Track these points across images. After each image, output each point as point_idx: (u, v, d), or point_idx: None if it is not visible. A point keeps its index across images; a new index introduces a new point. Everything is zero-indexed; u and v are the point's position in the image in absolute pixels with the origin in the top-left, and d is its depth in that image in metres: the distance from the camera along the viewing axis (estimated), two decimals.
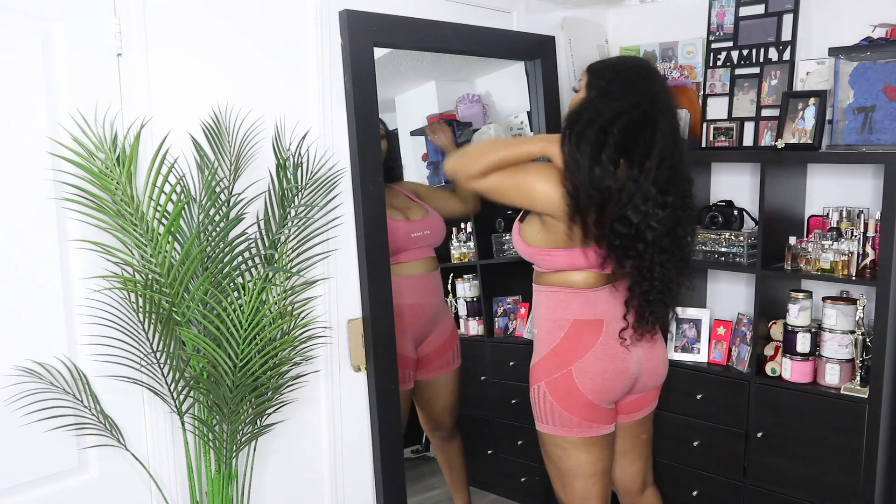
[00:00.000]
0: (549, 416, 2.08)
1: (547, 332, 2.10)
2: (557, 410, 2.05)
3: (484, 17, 2.59)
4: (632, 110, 1.85)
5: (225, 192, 1.83)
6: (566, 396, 2.04)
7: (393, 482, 2.37)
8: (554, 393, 2.05)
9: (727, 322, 2.71)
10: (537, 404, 2.11)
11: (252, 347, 1.75)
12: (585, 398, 2.03)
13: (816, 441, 2.37)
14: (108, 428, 1.78)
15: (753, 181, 2.71)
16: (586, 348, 2.04)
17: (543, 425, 2.11)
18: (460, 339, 3.15)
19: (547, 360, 2.08)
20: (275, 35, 2.07)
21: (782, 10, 2.63)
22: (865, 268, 2.33)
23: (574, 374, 2.03)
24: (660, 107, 1.89)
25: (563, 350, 2.06)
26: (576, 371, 2.03)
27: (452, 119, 3.42)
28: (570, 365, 2.04)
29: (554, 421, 2.07)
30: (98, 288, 1.75)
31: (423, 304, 2.78)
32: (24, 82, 1.67)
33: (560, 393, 2.05)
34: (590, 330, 2.05)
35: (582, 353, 2.03)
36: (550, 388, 2.06)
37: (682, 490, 2.70)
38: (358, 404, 2.32)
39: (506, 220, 3.27)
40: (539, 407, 2.10)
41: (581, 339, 2.05)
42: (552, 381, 2.06)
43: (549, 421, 2.09)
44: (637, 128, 1.85)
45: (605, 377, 2.04)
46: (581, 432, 2.06)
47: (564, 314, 2.07)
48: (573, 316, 2.06)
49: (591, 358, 2.03)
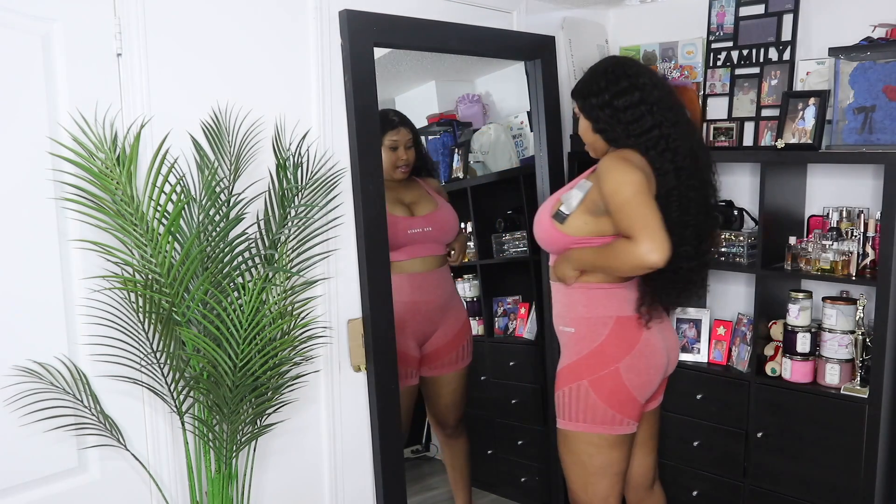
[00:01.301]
0: (588, 415, 2.05)
1: (589, 329, 2.08)
2: (601, 408, 2.04)
3: (484, 17, 2.59)
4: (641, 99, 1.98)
5: (225, 192, 1.83)
6: (612, 394, 2.04)
7: (393, 482, 2.37)
8: (599, 390, 2.04)
9: (727, 322, 2.71)
10: (574, 402, 2.08)
11: (252, 347, 1.75)
12: (631, 394, 2.05)
13: (816, 441, 2.37)
14: (108, 428, 1.78)
15: (753, 181, 2.71)
16: (631, 345, 2.05)
17: (578, 423, 2.08)
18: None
19: (591, 358, 2.06)
20: (275, 35, 2.07)
21: (782, 10, 2.63)
22: (865, 268, 2.33)
23: (621, 371, 2.03)
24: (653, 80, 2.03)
25: (609, 347, 2.05)
26: (623, 368, 2.03)
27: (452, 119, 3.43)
28: (618, 362, 2.04)
29: (595, 419, 2.05)
30: (98, 288, 1.75)
31: (421, 302, 2.76)
32: (24, 82, 1.67)
33: (606, 391, 2.04)
34: (633, 326, 2.07)
35: (628, 350, 2.04)
36: (595, 386, 2.04)
37: (682, 490, 2.70)
38: (358, 404, 2.32)
39: (506, 220, 3.28)
40: (574, 405, 2.07)
41: (626, 335, 2.06)
42: (598, 379, 2.04)
43: (585, 419, 2.06)
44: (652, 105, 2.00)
45: (648, 373, 2.08)
46: (618, 429, 2.07)
47: (606, 311, 2.06)
48: (615, 312, 2.06)
49: (637, 354, 2.05)
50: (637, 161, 1.96)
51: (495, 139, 3.22)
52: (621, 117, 1.99)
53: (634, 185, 1.89)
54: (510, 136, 3.24)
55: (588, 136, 2.11)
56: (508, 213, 3.29)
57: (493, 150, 3.23)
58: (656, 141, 1.98)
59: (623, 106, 1.99)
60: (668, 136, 1.98)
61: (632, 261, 1.87)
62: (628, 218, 1.88)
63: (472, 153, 3.31)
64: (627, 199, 1.89)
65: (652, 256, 1.83)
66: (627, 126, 1.99)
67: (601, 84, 2.02)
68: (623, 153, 1.98)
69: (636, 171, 1.92)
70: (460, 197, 3.30)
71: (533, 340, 3.15)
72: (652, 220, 1.86)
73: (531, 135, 2.96)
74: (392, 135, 2.72)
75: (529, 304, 3.25)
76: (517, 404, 3.23)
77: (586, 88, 2.07)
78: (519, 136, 3.25)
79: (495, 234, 3.28)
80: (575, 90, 2.13)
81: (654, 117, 1.98)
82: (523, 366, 3.21)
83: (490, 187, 3.29)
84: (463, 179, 3.33)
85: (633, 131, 1.99)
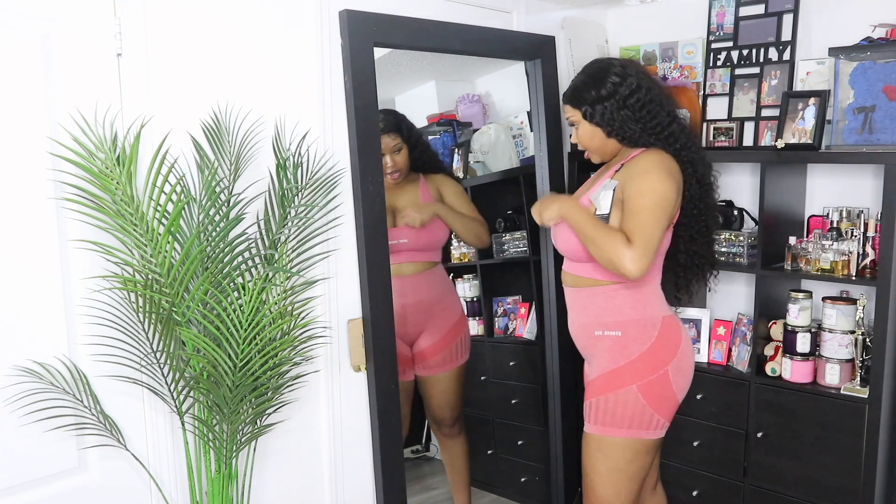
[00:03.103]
0: (634, 420, 1.98)
1: (638, 331, 2.00)
2: (648, 413, 1.98)
3: (484, 17, 2.59)
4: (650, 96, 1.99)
5: (225, 192, 1.83)
6: (660, 398, 1.98)
7: (393, 482, 2.37)
8: (648, 395, 1.97)
9: (727, 322, 2.71)
10: (618, 408, 1.99)
11: (252, 347, 1.75)
12: (675, 397, 2.02)
13: (816, 441, 2.37)
14: (108, 428, 1.78)
15: (753, 181, 2.71)
16: (676, 345, 2.01)
17: (620, 430, 2.00)
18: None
19: (641, 362, 1.98)
20: (275, 35, 2.07)
21: (782, 10, 2.63)
22: (865, 268, 2.33)
23: (670, 374, 1.99)
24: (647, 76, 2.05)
25: (659, 349, 1.99)
26: (671, 370, 1.99)
27: (452, 119, 3.43)
28: (666, 365, 1.98)
29: (641, 424, 1.99)
30: (98, 288, 1.75)
31: (401, 305, 2.73)
32: (24, 82, 1.67)
33: (654, 395, 1.98)
34: (675, 325, 2.04)
35: (674, 351, 2.00)
36: (644, 391, 1.97)
37: (682, 490, 2.70)
38: (358, 404, 2.32)
39: (506, 220, 3.27)
40: (619, 411, 1.99)
41: (671, 336, 2.01)
42: (648, 384, 1.97)
43: (630, 425, 1.99)
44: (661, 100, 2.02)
45: (690, 373, 2.06)
46: (658, 433, 2.03)
47: (654, 312, 2.02)
48: (661, 313, 2.03)
49: (681, 355, 2.02)
50: (674, 170, 1.95)
51: (495, 139, 3.22)
52: (638, 116, 1.97)
53: (659, 197, 1.88)
54: (510, 136, 3.24)
55: (596, 141, 2.06)
56: (508, 213, 3.28)
57: (493, 150, 3.23)
58: (678, 135, 1.98)
59: (638, 104, 1.97)
60: (684, 129, 2.00)
61: (615, 258, 1.84)
62: (637, 223, 1.86)
63: (472, 153, 3.31)
64: (647, 207, 1.87)
65: (633, 266, 1.82)
66: (646, 124, 1.98)
67: (608, 88, 1.98)
68: (662, 157, 1.95)
69: (671, 181, 1.91)
70: None
71: (533, 340, 3.15)
72: (653, 238, 1.86)
73: (531, 135, 2.96)
74: None
75: (529, 304, 3.25)
76: (517, 404, 3.23)
77: (589, 95, 2.01)
78: (519, 136, 3.24)
79: (495, 234, 3.28)
80: (575, 97, 2.05)
81: (665, 112, 1.98)
82: (523, 366, 3.21)
83: (490, 187, 3.29)
84: (463, 179, 3.33)
85: (653, 129, 1.98)
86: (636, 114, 1.98)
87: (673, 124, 2.00)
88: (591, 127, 2.04)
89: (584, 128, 2.05)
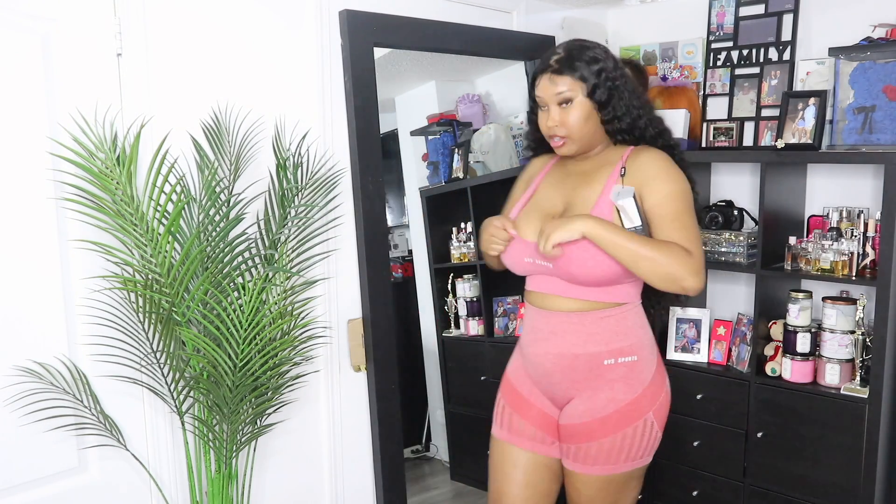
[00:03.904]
0: (648, 448, 1.76)
1: (649, 352, 1.78)
2: (657, 436, 1.77)
3: (484, 17, 2.59)
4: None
5: (225, 192, 1.83)
6: (664, 416, 1.79)
7: (393, 482, 2.37)
8: (660, 419, 1.77)
9: (727, 322, 2.71)
10: (637, 442, 1.73)
11: (252, 347, 1.75)
12: (669, 414, 1.83)
13: (816, 441, 2.37)
14: (108, 428, 1.78)
15: (753, 181, 2.71)
16: (661, 361, 1.83)
17: (636, 461, 1.76)
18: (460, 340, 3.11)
19: (652, 386, 1.75)
20: (275, 35, 2.07)
21: (782, 10, 2.63)
22: (865, 268, 2.33)
23: (668, 391, 1.81)
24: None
25: (661, 366, 1.81)
26: (667, 387, 1.81)
27: (452, 119, 3.43)
28: (666, 381, 1.81)
29: (652, 449, 1.78)
30: (98, 288, 1.75)
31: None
32: (24, 82, 1.67)
33: (662, 416, 1.78)
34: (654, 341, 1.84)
35: (664, 367, 1.83)
36: (657, 415, 1.76)
37: (682, 490, 2.70)
38: (358, 404, 2.32)
39: None
40: (637, 445, 1.74)
41: (657, 352, 1.83)
42: (659, 408, 1.76)
43: (643, 455, 1.77)
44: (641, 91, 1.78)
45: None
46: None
47: (649, 329, 1.81)
48: (650, 330, 1.82)
49: (664, 370, 1.83)
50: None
51: (495, 139, 3.22)
52: (636, 103, 1.72)
53: (690, 199, 1.68)
54: (510, 136, 3.24)
55: (588, 126, 1.70)
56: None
57: (493, 150, 3.23)
58: (670, 134, 1.79)
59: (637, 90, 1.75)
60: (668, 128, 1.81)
61: (678, 272, 1.58)
62: (685, 229, 1.63)
63: (472, 153, 3.31)
64: (685, 210, 1.65)
65: (698, 279, 1.59)
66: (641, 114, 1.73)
67: (609, 62, 1.69)
68: (665, 155, 1.71)
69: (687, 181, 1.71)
70: (460, 197, 3.29)
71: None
72: (701, 244, 1.65)
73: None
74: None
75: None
76: None
77: (595, 66, 1.66)
78: (519, 136, 3.24)
79: None
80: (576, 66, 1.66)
81: (649, 104, 1.79)
82: None
83: (490, 187, 3.28)
84: (463, 179, 3.33)
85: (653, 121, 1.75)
86: (635, 100, 1.73)
87: (662, 123, 1.81)
88: (590, 107, 1.69)
89: (581, 107, 1.69)
